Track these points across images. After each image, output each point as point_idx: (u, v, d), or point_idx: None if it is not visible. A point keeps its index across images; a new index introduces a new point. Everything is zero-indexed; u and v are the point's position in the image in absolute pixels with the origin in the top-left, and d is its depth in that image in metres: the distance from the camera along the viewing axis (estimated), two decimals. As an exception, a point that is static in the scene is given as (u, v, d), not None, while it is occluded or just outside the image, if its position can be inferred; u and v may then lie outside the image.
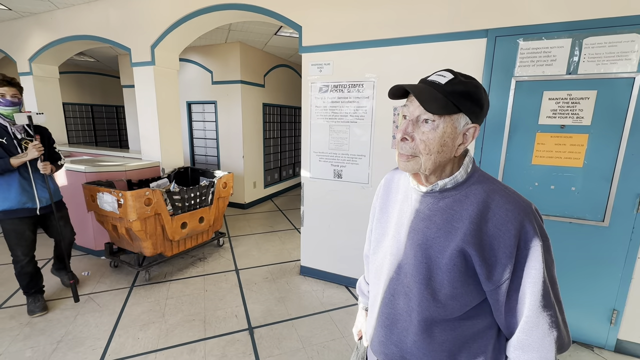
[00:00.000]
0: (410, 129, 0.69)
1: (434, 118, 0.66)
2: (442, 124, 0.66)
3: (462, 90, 0.66)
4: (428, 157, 0.68)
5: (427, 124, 0.67)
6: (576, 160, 1.95)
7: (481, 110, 0.69)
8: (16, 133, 2.18)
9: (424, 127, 0.67)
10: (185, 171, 3.74)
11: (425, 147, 0.67)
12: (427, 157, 0.68)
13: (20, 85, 2.20)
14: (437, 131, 0.67)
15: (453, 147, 0.69)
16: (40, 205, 2.27)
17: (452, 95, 0.66)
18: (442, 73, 0.69)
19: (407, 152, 0.70)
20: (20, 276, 2.27)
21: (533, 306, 0.63)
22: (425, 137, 0.67)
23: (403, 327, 0.76)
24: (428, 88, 0.67)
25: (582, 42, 1.85)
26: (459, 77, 0.67)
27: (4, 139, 2.11)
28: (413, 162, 0.70)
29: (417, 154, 0.69)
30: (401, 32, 2.29)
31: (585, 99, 1.88)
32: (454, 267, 0.67)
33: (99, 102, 7.17)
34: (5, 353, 1.96)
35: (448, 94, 0.66)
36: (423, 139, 0.67)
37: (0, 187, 2.14)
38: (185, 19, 3.10)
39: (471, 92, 0.67)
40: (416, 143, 0.68)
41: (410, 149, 0.69)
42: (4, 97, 2.10)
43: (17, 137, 2.18)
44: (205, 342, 2.10)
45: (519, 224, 0.63)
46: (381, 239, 0.84)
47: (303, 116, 2.77)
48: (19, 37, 4.12)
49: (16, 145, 2.15)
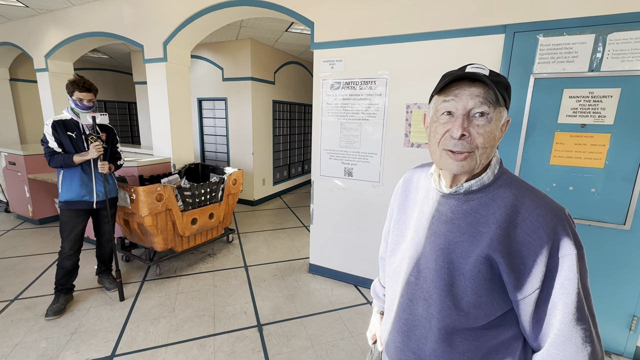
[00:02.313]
0: (466, 123, 0.64)
1: (489, 110, 0.63)
2: (494, 116, 0.64)
3: (503, 82, 0.65)
4: (484, 151, 0.65)
5: (481, 117, 0.64)
6: (597, 161, 1.88)
7: (509, 103, 0.68)
8: (85, 129, 2.34)
9: (479, 121, 0.64)
10: (196, 167, 3.76)
11: (484, 140, 0.64)
12: (482, 151, 0.65)
13: (96, 89, 2.38)
14: (491, 124, 0.64)
15: (497, 141, 0.67)
16: (97, 200, 2.40)
17: (498, 85, 0.63)
18: (478, 65, 0.66)
19: (465, 149, 0.64)
20: (58, 267, 2.37)
21: (566, 319, 0.58)
22: (482, 130, 0.64)
23: (422, 334, 0.72)
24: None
25: (606, 37, 1.77)
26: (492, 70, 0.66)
27: (73, 134, 2.29)
28: (469, 159, 0.65)
29: (473, 149, 0.65)
30: (415, 28, 2.25)
31: (609, 97, 1.80)
32: (478, 274, 0.64)
33: (112, 99, 7.28)
34: (21, 343, 2.01)
35: (496, 84, 0.63)
36: (481, 132, 0.64)
37: (65, 179, 2.32)
38: (197, 15, 3.10)
39: (507, 85, 0.66)
40: (472, 138, 0.64)
41: (468, 146, 0.64)
42: (82, 101, 2.28)
43: (85, 133, 2.33)
44: (214, 338, 2.11)
45: (551, 230, 0.59)
46: (399, 241, 0.81)
47: (314, 113, 2.75)
48: (36, 34, 4.20)
49: (83, 140, 2.32)
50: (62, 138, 2.26)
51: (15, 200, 4.14)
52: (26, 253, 3.27)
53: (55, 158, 2.24)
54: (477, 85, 0.63)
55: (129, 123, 7.79)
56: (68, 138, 2.27)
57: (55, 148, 2.26)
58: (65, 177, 2.32)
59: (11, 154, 3.90)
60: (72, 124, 2.30)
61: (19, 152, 3.79)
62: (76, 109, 2.30)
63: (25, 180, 3.83)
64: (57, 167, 2.27)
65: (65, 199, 2.31)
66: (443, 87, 0.66)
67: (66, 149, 2.28)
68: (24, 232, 3.85)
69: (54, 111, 4.34)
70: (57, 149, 2.26)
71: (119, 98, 7.44)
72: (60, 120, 2.28)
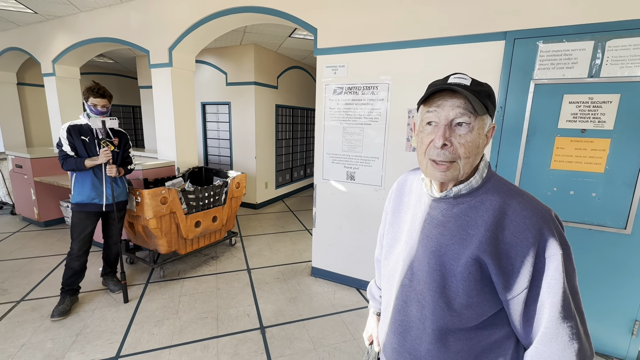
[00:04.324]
0: (448, 133, 0.66)
1: (469, 120, 0.65)
2: (476, 126, 0.66)
3: (485, 90, 0.67)
4: (467, 161, 0.67)
5: (462, 127, 0.66)
6: (597, 166, 1.89)
7: (495, 110, 0.71)
8: (99, 133, 2.41)
9: (460, 130, 0.66)
10: (200, 171, 3.80)
11: (465, 150, 0.66)
12: (465, 161, 0.67)
13: (111, 95, 2.43)
14: (473, 133, 0.66)
15: (482, 148, 0.69)
16: (106, 202, 2.45)
17: (480, 95, 0.66)
18: (461, 75, 0.68)
19: (447, 158, 0.67)
20: (66, 267, 2.41)
21: (552, 317, 0.60)
22: (463, 140, 0.66)
23: (416, 335, 0.74)
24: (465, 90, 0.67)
25: (605, 44, 1.80)
26: (475, 79, 0.69)
27: (87, 138, 2.36)
28: (452, 169, 0.68)
29: (455, 159, 0.67)
30: (416, 34, 2.28)
31: (608, 103, 1.83)
32: (469, 276, 0.66)
33: (117, 103, 7.35)
34: (28, 343, 2.03)
35: (477, 94, 0.65)
36: (462, 142, 0.66)
37: (77, 182, 2.39)
38: (202, 21, 3.16)
39: (490, 93, 0.69)
40: (454, 148, 0.67)
41: (450, 155, 0.67)
42: (96, 107, 2.34)
43: (98, 137, 2.40)
44: (217, 340, 2.13)
45: (537, 231, 0.61)
46: (393, 243, 0.83)
47: (317, 118, 2.78)
48: (44, 39, 4.27)
49: (96, 145, 2.39)
50: (76, 142, 2.33)
51: (21, 203, 4.19)
52: (32, 255, 3.31)
53: (68, 161, 2.31)
54: (458, 96, 0.66)
55: (134, 127, 7.87)
56: (82, 142, 2.34)
57: (68, 152, 2.33)
58: (77, 179, 2.39)
59: (18, 157, 3.96)
60: (86, 128, 2.37)
61: (25, 155, 3.85)
62: (91, 114, 2.36)
63: (32, 183, 3.88)
64: (69, 170, 2.34)
65: (76, 201, 2.38)
66: (427, 98, 0.69)
67: (79, 152, 2.35)
68: (29, 234, 3.89)
69: (60, 115, 4.40)
70: (71, 152, 2.34)
71: (124, 102, 7.52)
72: (75, 125, 2.36)
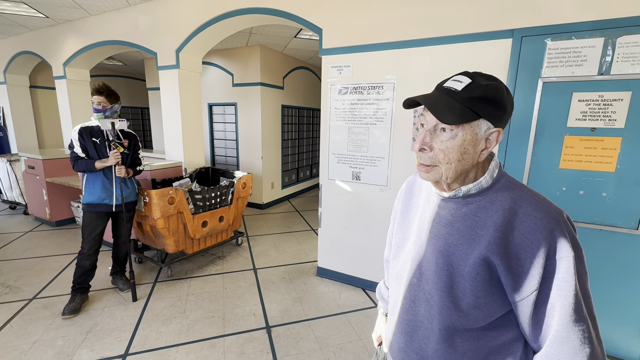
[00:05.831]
0: (428, 138, 0.66)
1: (451, 127, 0.64)
2: (460, 132, 0.64)
3: (481, 95, 0.62)
4: (448, 167, 0.66)
5: (444, 132, 0.65)
6: (608, 165, 1.86)
7: (504, 114, 0.65)
8: (109, 135, 2.44)
9: (442, 136, 0.65)
10: (206, 171, 3.84)
11: (445, 156, 0.65)
12: (447, 167, 0.66)
13: (109, 93, 2.38)
14: (456, 140, 0.64)
15: (475, 153, 0.66)
16: (116, 203, 2.50)
17: (470, 101, 0.62)
18: (458, 78, 0.65)
19: (426, 162, 0.68)
20: (77, 266, 2.46)
21: (563, 320, 0.59)
22: (443, 146, 0.65)
23: (424, 335, 0.74)
24: (443, 97, 0.64)
25: (616, 41, 1.76)
26: (478, 81, 0.64)
27: (97, 140, 2.40)
28: (433, 172, 0.68)
29: (436, 163, 0.67)
30: (422, 33, 2.27)
31: (619, 101, 1.79)
32: (477, 276, 0.65)
33: (126, 104, 7.47)
34: (40, 340, 2.08)
35: (465, 101, 0.62)
36: (442, 149, 0.65)
37: (88, 182, 2.43)
38: (208, 23, 3.19)
39: (490, 96, 0.63)
40: (435, 152, 0.66)
41: (429, 159, 0.67)
42: (94, 104, 2.36)
43: (108, 139, 2.43)
44: (224, 339, 2.15)
45: (548, 233, 0.60)
46: (402, 243, 0.83)
47: (322, 118, 2.79)
48: (55, 43, 4.37)
49: (106, 146, 2.42)
50: (87, 144, 2.37)
51: (33, 203, 4.28)
52: (44, 254, 3.38)
53: (79, 163, 2.36)
54: None
55: (142, 128, 7.98)
56: (92, 144, 2.38)
57: (79, 153, 2.38)
58: (88, 180, 2.43)
59: (30, 158, 4.05)
60: (97, 130, 2.42)
61: (37, 157, 3.93)
62: (96, 114, 2.39)
63: (44, 183, 3.97)
64: (80, 171, 2.39)
65: (87, 201, 2.43)
66: None
67: (90, 154, 2.40)
68: (41, 233, 3.98)
69: (71, 117, 4.49)
70: (81, 154, 2.38)
71: (133, 103, 7.63)
72: (87, 126, 2.40)
